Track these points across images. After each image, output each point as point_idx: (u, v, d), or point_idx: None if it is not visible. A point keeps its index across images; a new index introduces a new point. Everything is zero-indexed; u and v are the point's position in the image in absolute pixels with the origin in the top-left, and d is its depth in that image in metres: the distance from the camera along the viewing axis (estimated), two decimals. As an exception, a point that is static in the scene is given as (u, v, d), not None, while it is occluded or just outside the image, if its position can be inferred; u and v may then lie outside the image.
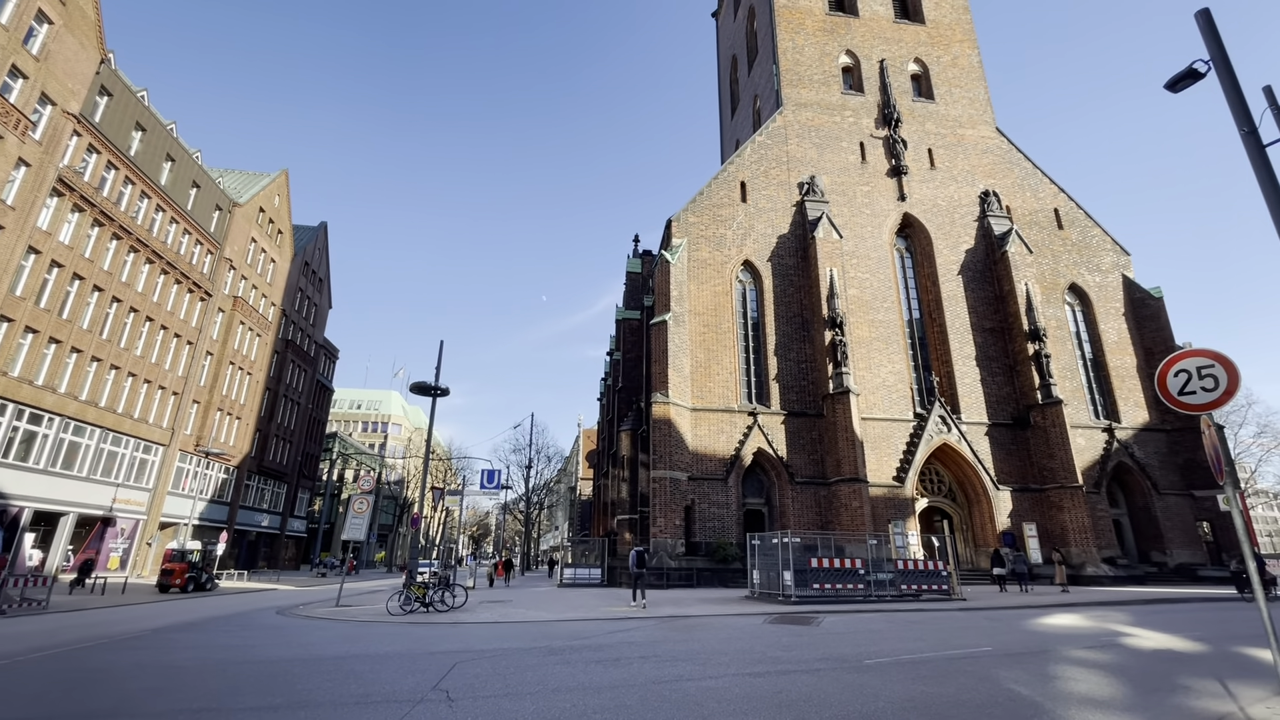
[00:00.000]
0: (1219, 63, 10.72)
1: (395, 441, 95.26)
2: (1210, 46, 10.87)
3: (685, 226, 29.66)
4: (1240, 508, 8.56)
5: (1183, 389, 5.73)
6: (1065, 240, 32.75)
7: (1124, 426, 29.32)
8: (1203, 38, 10.89)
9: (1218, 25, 10.79)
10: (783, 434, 27.16)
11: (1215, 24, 10.88)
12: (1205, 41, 10.96)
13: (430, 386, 20.08)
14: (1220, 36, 10.85)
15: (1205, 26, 10.92)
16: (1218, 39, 10.79)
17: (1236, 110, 10.41)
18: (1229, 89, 10.52)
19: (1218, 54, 10.76)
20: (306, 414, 55.10)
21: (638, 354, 35.18)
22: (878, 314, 29.69)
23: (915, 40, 35.98)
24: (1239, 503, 5.93)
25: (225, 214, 42.14)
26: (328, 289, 60.97)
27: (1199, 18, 11.01)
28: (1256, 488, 57.86)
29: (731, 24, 46.91)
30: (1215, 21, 10.95)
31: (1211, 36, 10.83)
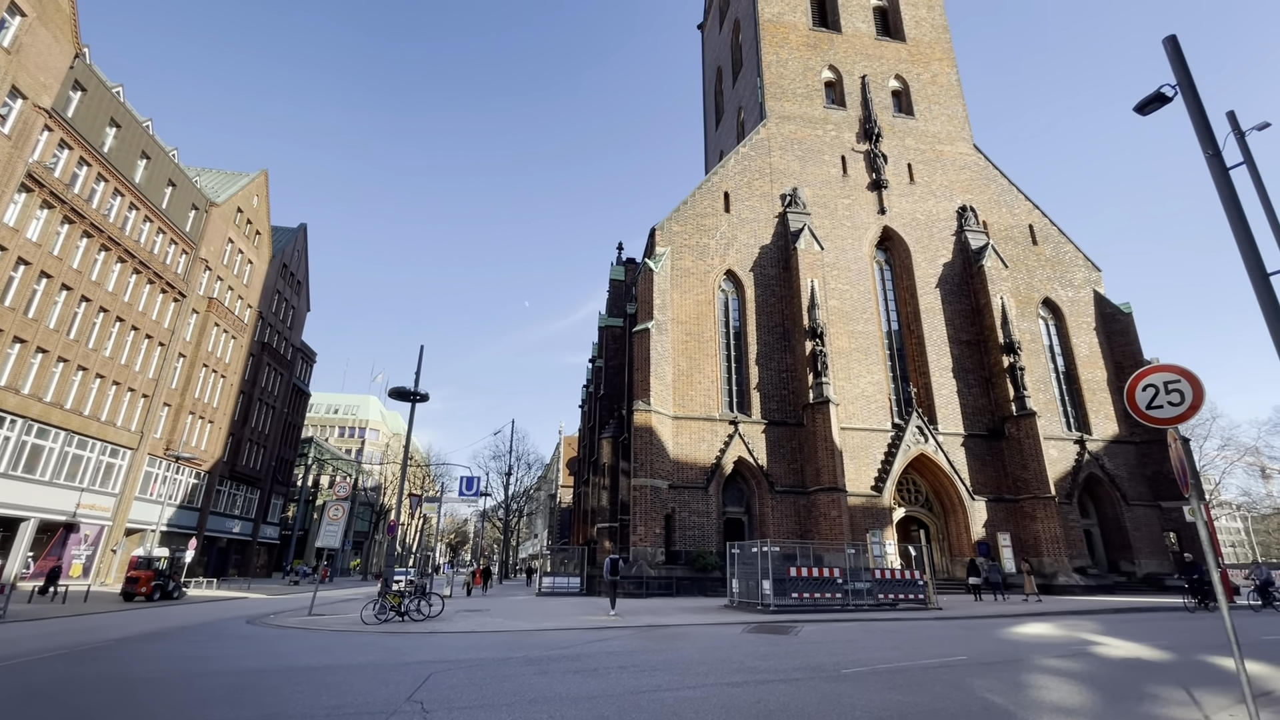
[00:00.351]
0: (1185, 88, 11.09)
1: (372, 447, 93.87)
2: (1177, 72, 11.24)
3: (669, 235, 29.80)
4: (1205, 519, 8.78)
5: (1150, 403, 5.88)
6: (1039, 256, 33.52)
7: (1095, 438, 29.97)
8: (1170, 63, 11.26)
9: (1184, 52, 11.17)
10: (763, 443, 27.30)
11: (1182, 50, 11.26)
12: (1172, 67, 11.33)
13: (409, 392, 19.85)
14: (1186, 62, 11.22)
15: (1172, 52, 11.30)
16: (1184, 65, 11.16)
17: (1202, 134, 10.76)
18: (1194, 113, 10.88)
19: (1184, 79, 11.13)
20: (281, 418, 54.09)
21: (620, 361, 35.16)
22: (857, 325, 30.06)
23: (896, 57, 36.70)
24: (1204, 514, 6.09)
25: (202, 214, 41.38)
26: (306, 292, 60.08)
27: (1166, 44, 11.38)
28: (1220, 499, 59.50)
29: (717, 36, 47.44)
30: (1181, 48, 11.34)
31: (1178, 62, 11.20)
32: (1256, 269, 9.45)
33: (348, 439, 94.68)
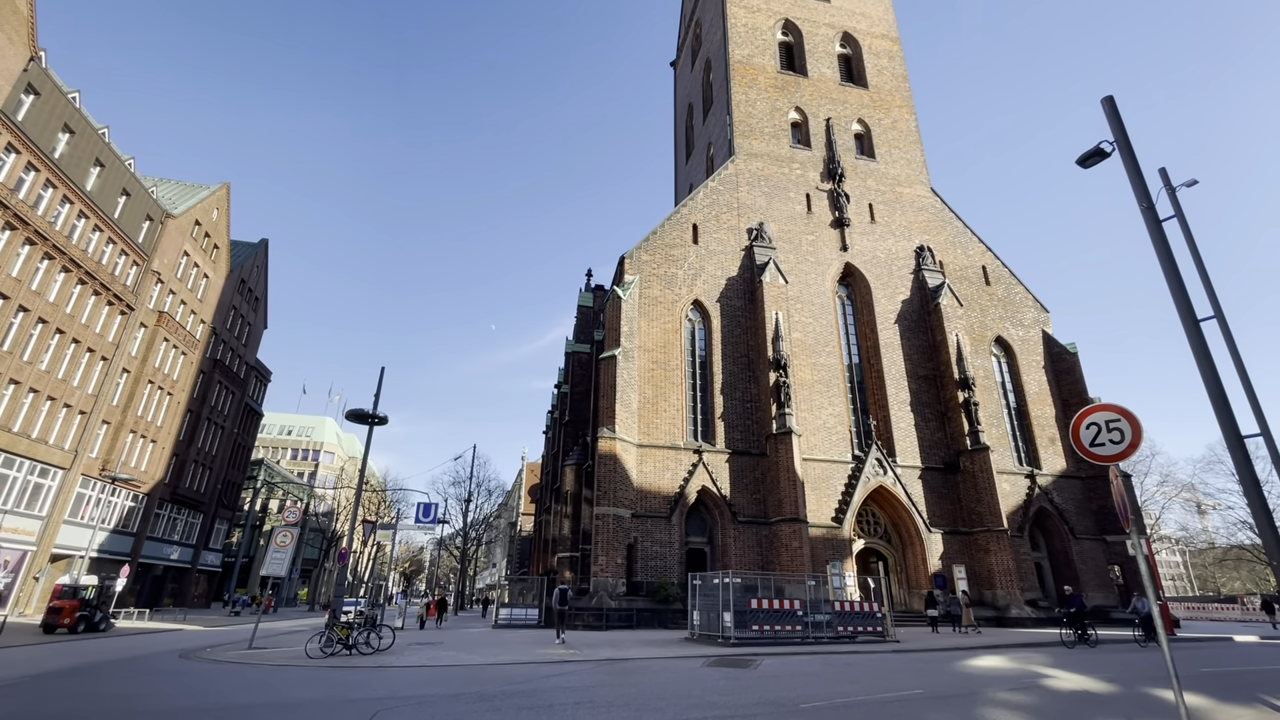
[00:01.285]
0: (1121, 144, 11.84)
1: (327, 471, 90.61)
2: (1114, 129, 12.01)
3: (638, 264, 30.10)
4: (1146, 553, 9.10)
5: (1094, 440, 6.14)
6: (992, 295, 34.95)
7: (1044, 473, 30.98)
8: (1108, 121, 12.03)
9: (1120, 111, 11.95)
10: (726, 472, 27.37)
11: (1118, 110, 12.06)
12: (1110, 125, 12.10)
13: (367, 414, 19.31)
14: (1123, 121, 12.01)
15: (1110, 111, 12.08)
16: (1120, 123, 11.94)
17: (1137, 188, 11.47)
18: (1130, 168, 11.60)
19: (1120, 136, 11.89)
20: (231, 439, 51.89)
21: (586, 388, 35.00)
22: (820, 357, 30.68)
23: (859, 103, 38.35)
24: (1145, 548, 6.34)
25: (157, 225, 40.06)
26: (264, 309, 58.37)
27: (1104, 104, 12.17)
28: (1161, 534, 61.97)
29: (689, 74, 48.84)
30: (1118, 107, 12.14)
31: (1115, 120, 11.98)
32: (1188, 315, 10.03)
33: (301, 461, 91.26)
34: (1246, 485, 8.84)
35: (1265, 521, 8.67)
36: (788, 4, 40.58)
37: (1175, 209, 11.58)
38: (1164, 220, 11.41)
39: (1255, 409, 10.10)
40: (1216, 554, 67.67)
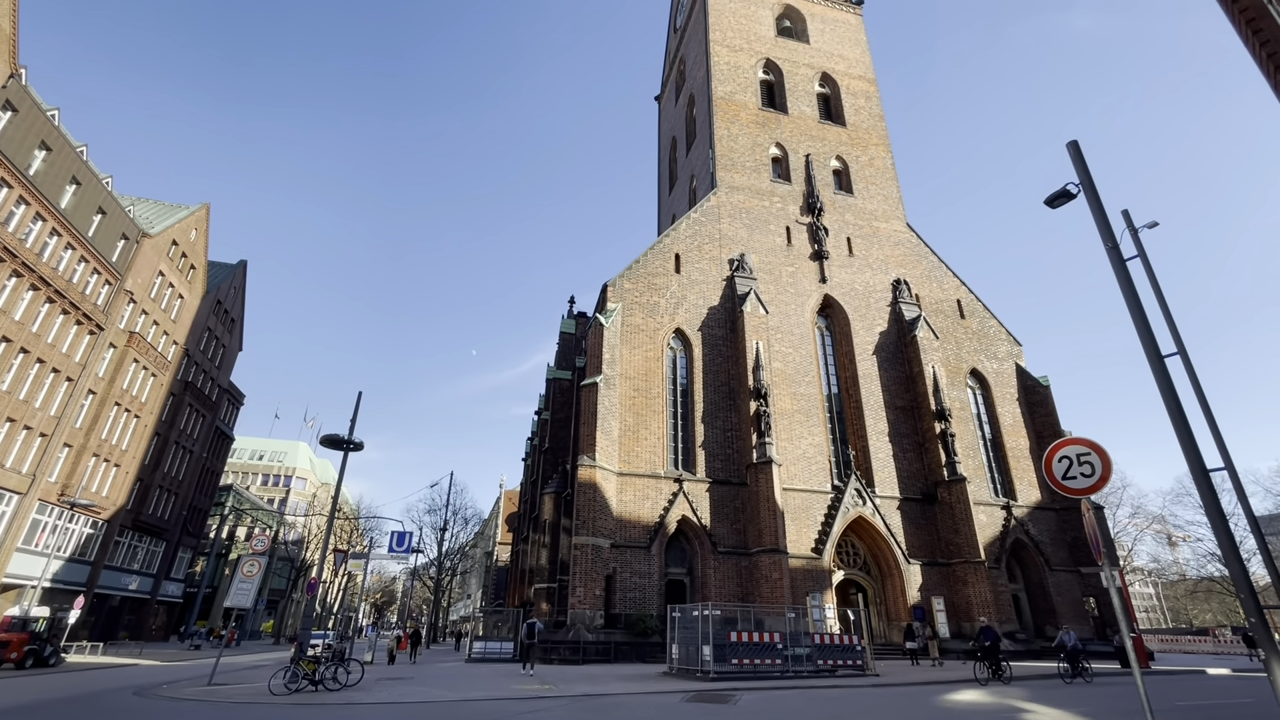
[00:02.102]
0: (1086, 186, 12.31)
1: (298, 497, 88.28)
2: (1079, 172, 12.49)
3: (621, 292, 30.29)
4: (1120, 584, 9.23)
5: (1065, 474, 6.26)
6: (967, 329, 35.72)
7: (1020, 505, 31.32)
8: (1073, 165, 12.53)
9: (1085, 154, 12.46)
10: (707, 502, 27.24)
11: (1082, 154, 12.58)
12: (1075, 168, 12.59)
13: (343, 439, 18.97)
14: (1087, 164, 12.51)
15: (1074, 156, 12.59)
16: (1085, 166, 12.44)
17: (1102, 228, 11.91)
18: (1094, 210, 12.05)
19: (1085, 179, 12.37)
20: (199, 463, 50.42)
21: (566, 415, 34.79)
22: (799, 387, 30.94)
23: (837, 140, 39.51)
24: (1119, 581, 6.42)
25: (132, 244, 39.46)
26: (239, 330, 57.41)
27: (1069, 148, 12.68)
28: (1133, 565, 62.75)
29: (673, 108, 50.00)
30: (1082, 151, 12.66)
31: (1080, 164, 12.47)
32: (1153, 350, 10.36)
33: (271, 488, 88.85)
34: (1213, 519, 9.03)
35: (1232, 554, 8.86)
36: (769, 44, 41.97)
37: (1138, 249, 12.03)
38: (1128, 260, 11.84)
39: (1219, 443, 10.40)
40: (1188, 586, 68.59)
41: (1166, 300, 11.90)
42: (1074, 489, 6.14)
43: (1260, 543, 8.86)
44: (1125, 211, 13.01)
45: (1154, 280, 12.01)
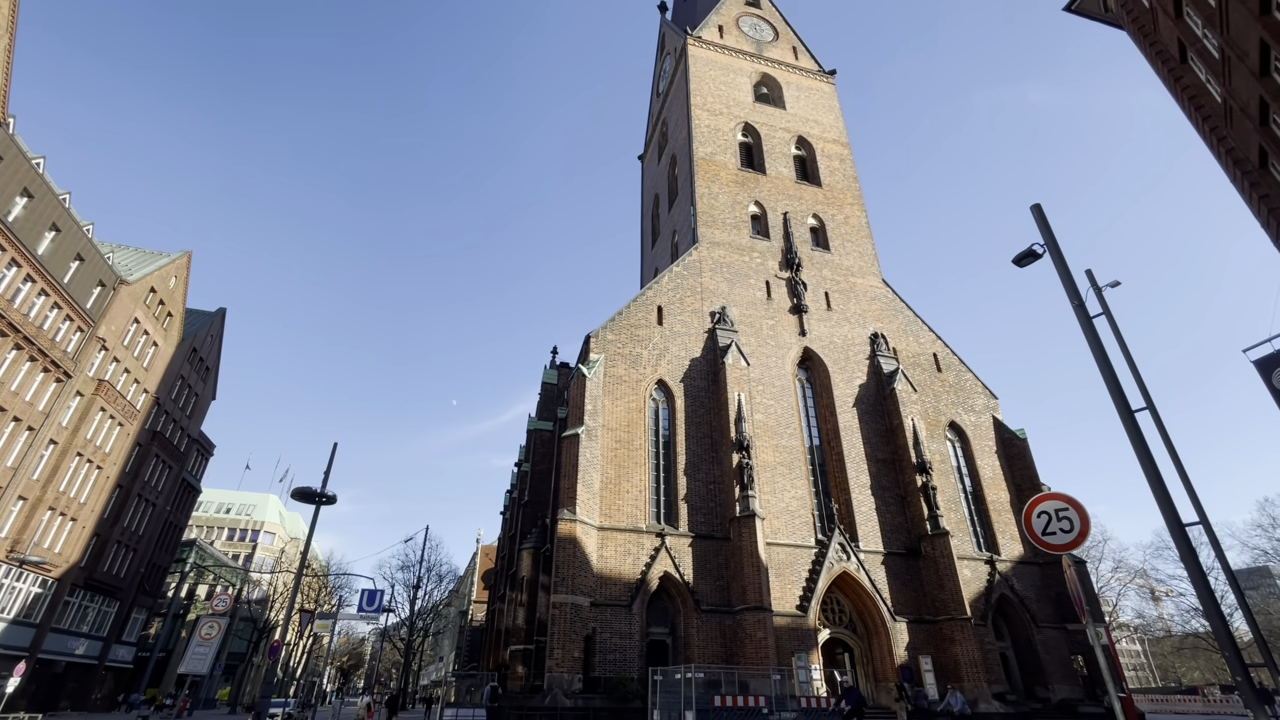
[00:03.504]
0: (1051, 247, 12.82)
1: (265, 553, 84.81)
2: (1044, 234, 13.02)
3: (604, 343, 30.45)
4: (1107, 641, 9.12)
5: (1045, 529, 6.28)
6: (944, 382, 36.31)
7: (1003, 559, 31.11)
8: (1037, 227, 13.09)
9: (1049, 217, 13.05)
10: (689, 557, 26.67)
11: (1046, 217, 13.15)
12: (1040, 230, 13.14)
13: (315, 492, 18.42)
14: (1050, 227, 13.05)
15: (1038, 218, 13.15)
16: (1049, 228, 12.98)
17: (1067, 287, 12.35)
18: (1060, 269, 12.52)
19: (1050, 240, 12.89)
20: (162, 517, 48.42)
21: (547, 467, 34.26)
22: (781, 439, 30.94)
23: (814, 199, 40.99)
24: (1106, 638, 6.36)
25: (108, 291, 39.02)
26: (214, 379, 56.34)
27: (1033, 211, 13.25)
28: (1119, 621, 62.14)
29: (656, 167, 51.72)
30: (1046, 215, 13.26)
31: (1044, 226, 13.02)
32: (1122, 405, 10.59)
33: (238, 543, 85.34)
34: (1192, 574, 9.05)
35: (1213, 610, 8.84)
36: (747, 109, 43.98)
37: (1103, 307, 12.47)
38: (1094, 317, 12.25)
39: (1192, 497, 10.53)
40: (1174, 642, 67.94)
41: (1133, 356, 12.26)
42: (1054, 545, 6.15)
43: (1240, 599, 8.87)
44: (1089, 271, 13.52)
45: (1119, 337, 12.40)
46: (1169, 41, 17.11)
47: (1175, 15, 15.55)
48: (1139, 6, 18.11)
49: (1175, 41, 16.60)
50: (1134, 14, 18.63)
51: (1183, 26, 15.52)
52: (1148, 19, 17.96)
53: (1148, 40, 18.47)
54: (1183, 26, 15.52)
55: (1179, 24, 15.63)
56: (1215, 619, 8.65)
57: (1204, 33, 14.52)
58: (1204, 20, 14.14)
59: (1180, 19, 15.46)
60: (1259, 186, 15.44)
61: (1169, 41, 17.11)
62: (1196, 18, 14.53)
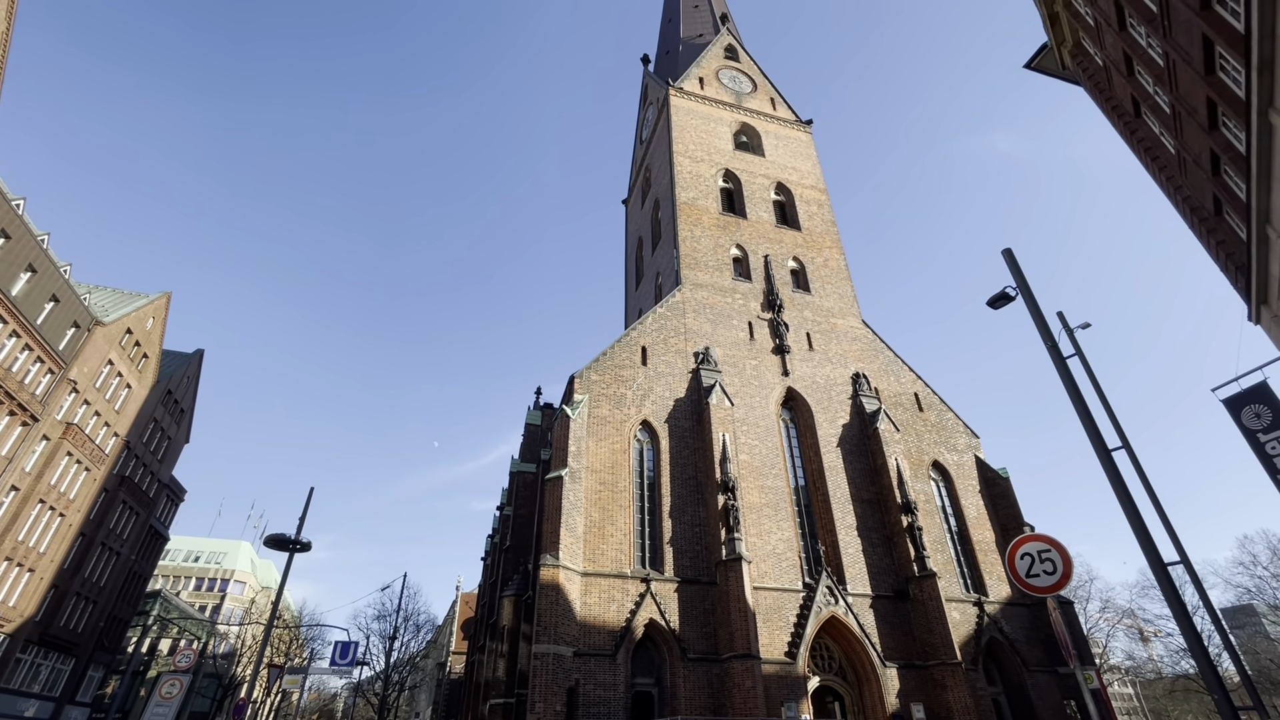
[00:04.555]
0: (1023, 290, 13.16)
1: (234, 604, 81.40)
2: (1015, 277, 13.40)
3: (588, 384, 30.39)
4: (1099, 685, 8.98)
5: (1029, 571, 6.26)
6: (926, 421, 36.61)
7: (992, 601, 30.81)
8: (1010, 271, 13.49)
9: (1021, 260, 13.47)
10: (675, 603, 26.07)
11: (1017, 261, 13.56)
12: (1011, 274, 13.52)
13: (288, 539, 17.85)
14: (1022, 270, 13.43)
15: (1010, 262, 13.54)
16: (1020, 272, 13.35)
17: (1041, 328, 12.64)
18: (1032, 311, 12.83)
19: (1022, 283, 13.24)
20: (126, 567, 46.45)
21: (530, 510, 33.64)
22: (767, 480, 30.78)
23: (794, 242, 41.96)
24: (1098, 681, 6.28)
25: (83, 332, 38.34)
26: (188, 422, 55.05)
27: (1005, 255, 13.65)
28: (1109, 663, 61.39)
29: (639, 211, 52.80)
30: (1017, 259, 13.67)
31: (1015, 270, 13.40)
32: (1099, 444, 10.74)
33: (206, 593, 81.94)
34: (1176, 614, 9.04)
35: (1200, 652, 8.80)
36: (728, 156, 45.37)
37: (1075, 348, 12.77)
38: (1067, 357, 12.53)
39: (1171, 536, 10.61)
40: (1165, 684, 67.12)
41: (1107, 396, 12.50)
42: (1038, 587, 6.12)
43: (1225, 640, 8.84)
44: (1060, 313, 13.92)
45: (1093, 377, 12.67)
46: (1123, 97, 18.09)
47: (1128, 73, 16.48)
48: (1093, 64, 19.20)
49: (1129, 98, 17.56)
50: (1089, 72, 19.72)
51: (1135, 84, 16.44)
52: (1102, 76, 19.01)
53: (1104, 96, 19.52)
54: (1135, 84, 16.44)
55: (1131, 81, 16.56)
56: (1201, 660, 8.60)
57: (1155, 90, 15.39)
58: (1154, 79, 15.01)
59: (1133, 76, 16.39)
60: (1215, 233, 16.14)
61: (1123, 97, 18.09)
62: (1147, 76, 15.41)
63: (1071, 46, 20.14)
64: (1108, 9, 15.45)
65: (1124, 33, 15.43)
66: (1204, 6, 11.55)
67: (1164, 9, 12.85)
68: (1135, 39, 15.12)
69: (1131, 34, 15.17)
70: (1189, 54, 12.86)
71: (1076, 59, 20.21)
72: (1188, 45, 12.75)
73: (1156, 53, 14.40)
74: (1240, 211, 14.10)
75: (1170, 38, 13.25)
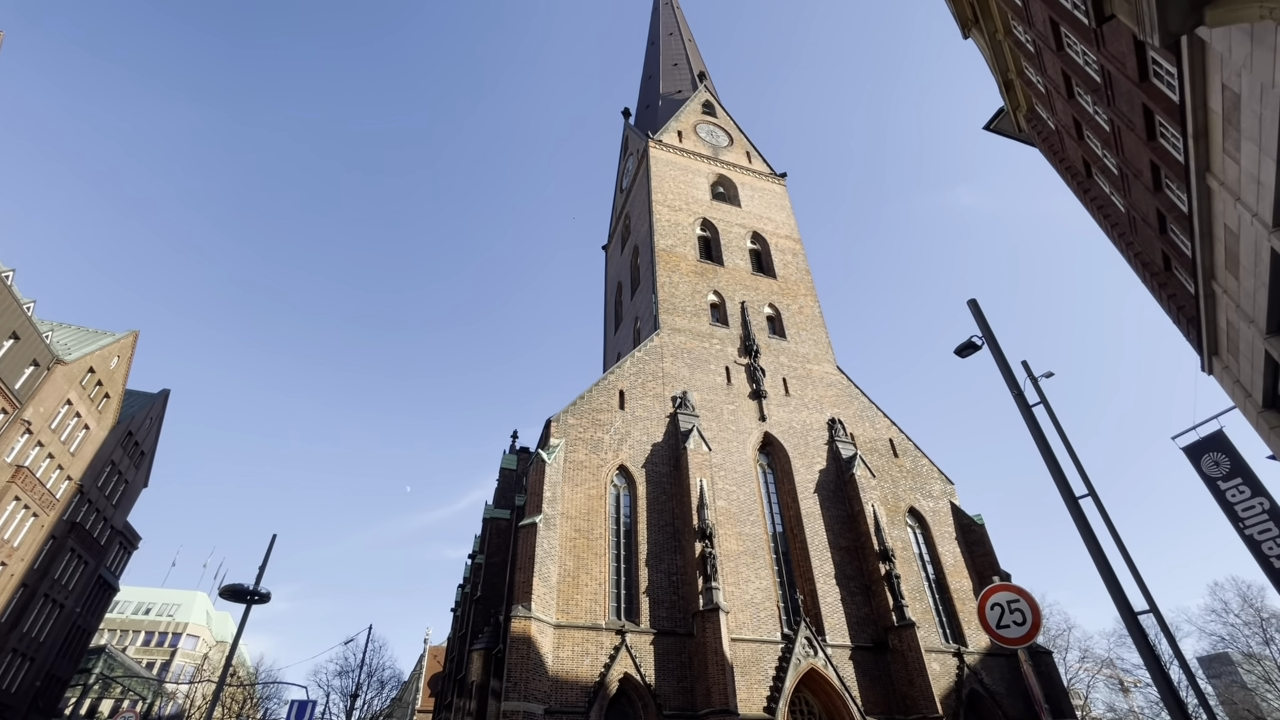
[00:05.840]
0: (988, 339, 13.53)
1: (186, 660, 76.85)
2: (981, 327, 13.78)
3: (564, 428, 30.14)
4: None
5: (999, 622, 6.24)
6: (901, 467, 36.84)
7: (971, 651, 30.41)
8: (975, 321, 13.87)
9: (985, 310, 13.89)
10: (651, 656, 25.27)
11: (982, 311, 13.99)
12: (977, 324, 13.91)
13: (246, 590, 17.07)
14: (987, 320, 13.83)
15: (975, 312, 13.95)
16: (985, 322, 13.75)
17: (1007, 377, 12.94)
18: (998, 360, 13.16)
19: (987, 333, 13.61)
20: (70, 620, 43.78)
21: (503, 558, 32.71)
22: (744, 527, 30.48)
23: (769, 289, 42.85)
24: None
25: (42, 370, 37.12)
26: (148, 465, 53.04)
27: (970, 305, 14.08)
28: (1092, 715, 60.54)
29: (619, 256, 53.65)
30: (982, 309, 14.10)
31: (980, 320, 13.79)
32: (1066, 492, 10.89)
33: (155, 648, 77.33)
34: (1149, 665, 9.03)
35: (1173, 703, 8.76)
36: (705, 206, 46.66)
37: (1040, 396, 13.08)
38: (1033, 405, 12.81)
39: (1140, 585, 10.70)
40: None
41: (1072, 444, 12.76)
42: (1009, 639, 6.09)
43: (1197, 693, 8.83)
44: (1024, 362, 14.29)
45: (1058, 425, 12.95)
46: (1075, 159, 19.17)
47: (1078, 137, 17.51)
48: (1047, 128, 20.37)
49: (1080, 159, 18.61)
50: (1043, 134, 20.91)
51: (1085, 147, 17.46)
52: (1055, 139, 20.16)
53: (1057, 157, 20.66)
54: (1085, 147, 17.46)
55: (1082, 144, 17.58)
56: (1176, 713, 8.55)
57: (1103, 153, 16.34)
58: (1102, 143, 15.96)
59: (1083, 140, 17.41)
60: (1167, 287, 16.91)
61: (1075, 159, 19.17)
62: (1095, 140, 16.38)
63: (1026, 111, 21.39)
64: (1056, 78, 16.52)
65: (1072, 100, 16.47)
66: (1142, 79, 12.43)
67: (1107, 80, 13.79)
68: (1083, 106, 16.14)
69: (1079, 101, 16.19)
70: (1132, 121, 13.75)
71: (1031, 123, 21.44)
72: (1130, 113, 13.64)
73: (1103, 119, 15.36)
74: (1188, 267, 14.84)
75: (1114, 106, 14.18)
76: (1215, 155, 11.13)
